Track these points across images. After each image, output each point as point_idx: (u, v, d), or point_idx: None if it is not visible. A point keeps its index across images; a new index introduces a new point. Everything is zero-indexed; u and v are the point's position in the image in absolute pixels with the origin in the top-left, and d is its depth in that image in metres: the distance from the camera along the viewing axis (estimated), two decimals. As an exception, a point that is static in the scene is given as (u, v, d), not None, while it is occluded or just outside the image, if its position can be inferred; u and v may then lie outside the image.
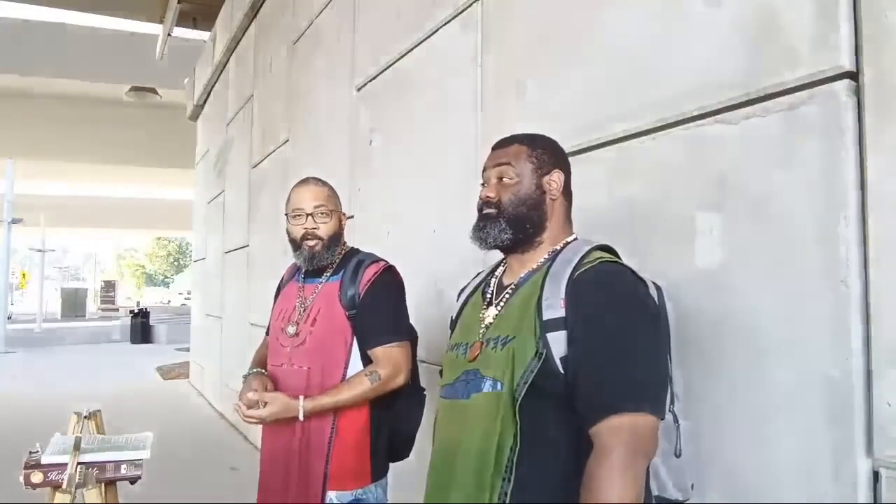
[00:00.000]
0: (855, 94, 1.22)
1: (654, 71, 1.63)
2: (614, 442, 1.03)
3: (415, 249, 2.64)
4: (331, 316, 1.81)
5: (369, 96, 3.34)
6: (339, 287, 1.84)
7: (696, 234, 1.48)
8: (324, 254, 1.85)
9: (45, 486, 1.81)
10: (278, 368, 1.85)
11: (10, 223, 14.79)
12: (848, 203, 1.20)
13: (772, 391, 1.31)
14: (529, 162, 1.28)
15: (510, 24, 2.24)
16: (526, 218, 1.26)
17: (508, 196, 1.27)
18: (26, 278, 25.12)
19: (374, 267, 1.86)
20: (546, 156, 1.29)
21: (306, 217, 1.83)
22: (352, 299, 1.82)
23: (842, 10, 1.23)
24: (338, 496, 1.73)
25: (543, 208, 1.28)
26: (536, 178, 1.27)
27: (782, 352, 1.29)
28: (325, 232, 1.84)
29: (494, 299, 1.29)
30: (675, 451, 1.22)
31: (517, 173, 1.27)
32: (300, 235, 1.84)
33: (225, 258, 6.80)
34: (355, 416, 1.77)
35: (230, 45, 6.85)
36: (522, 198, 1.26)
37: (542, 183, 1.27)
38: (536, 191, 1.27)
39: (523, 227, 1.26)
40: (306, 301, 1.87)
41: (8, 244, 15.06)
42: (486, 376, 1.18)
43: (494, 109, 2.30)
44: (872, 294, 1.17)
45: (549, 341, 1.12)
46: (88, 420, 2.07)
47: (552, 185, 1.28)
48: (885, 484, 1.15)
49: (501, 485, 1.10)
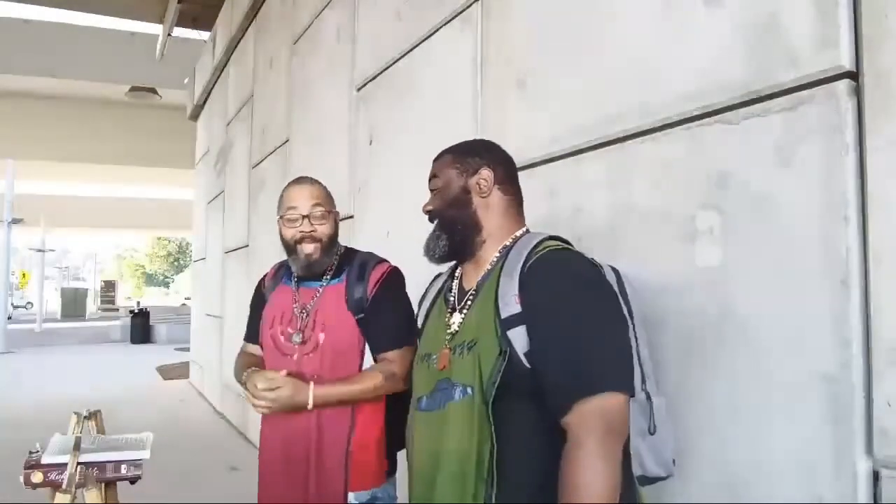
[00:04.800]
0: (855, 94, 1.22)
1: (654, 71, 1.63)
2: (586, 431, 1.04)
3: (415, 249, 2.64)
4: (339, 321, 1.72)
5: (369, 96, 3.34)
6: (344, 290, 1.75)
7: (696, 234, 1.48)
8: (323, 259, 1.75)
9: (45, 486, 1.81)
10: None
11: (10, 223, 14.79)
12: (848, 203, 1.20)
13: (772, 391, 1.31)
14: (452, 168, 1.32)
15: (510, 24, 2.24)
16: (455, 219, 1.30)
17: (437, 202, 1.33)
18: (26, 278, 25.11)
19: (381, 268, 1.79)
20: (471, 158, 1.32)
21: (302, 219, 1.73)
22: (359, 302, 1.73)
23: (842, 11, 1.23)
24: (356, 496, 1.68)
25: (472, 207, 1.30)
26: (463, 181, 1.31)
27: (782, 351, 1.29)
28: (323, 234, 1.74)
29: (458, 304, 1.30)
30: (650, 427, 1.23)
31: (443, 181, 1.32)
32: (296, 238, 1.73)
33: (225, 258, 6.80)
34: (374, 416, 1.71)
35: (230, 45, 6.85)
36: (448, 201, 1.31)
37: (468, 184, 1.30)
38: (462, 192, 1.30)
39: (454, 228, 1.30)
40: (307, 306, 1.76)
41: (8, 244, 15.05)
42: (457, 383, 1.18)
43: (494, 109, 2.30)
44: (872, 294, 1.17)
45: (511, 338, 1.13)
46: (88, 420, 2.07)
47: (482, 184, 1.30)
48: (885, 484, 1.15)
49: (485, 489, 1.10)
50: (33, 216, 19.03)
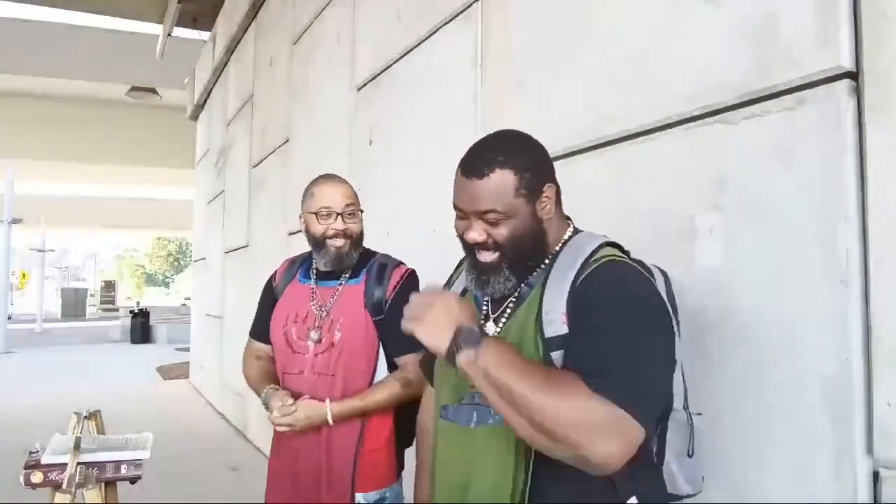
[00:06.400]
0: (855, 94, 1.22)
1: (654, 71, 1.63)
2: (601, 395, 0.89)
3: (415, 249, 2.64)
4: (356, 321, 1.72)
5: (369, 96, 3.34)
6: (363, 291, 1.76)
7: (696, 234, 1.48)
8: (352, 253, 1.77)
9: (45, 486, 1.81)
10: (298, 377, 1.74)
11: (10, 223, 14.78)
12: (848, 203, 1.20)
13: (772, 391, 1.31)
14: (518, 196, 1.06)
15: (510, 24, 2.24)
16: (528, 256, 1.10)
17: (504, 237, 1.07)
18: (26, 278, 25.12)
19: (400, 270, 1.79)
20: (532, 176, 1.08)
21: (336, 216, 1.74)
22: (378, 304, 1.73)
23: (842, 11, 1.23)
24: (365, 497, 1.69)
25: (544, 237, 1.11)
26: (531, 208, 1.08)
27: (782, 352, 1.29)
28: (354, 231, 1.77)
29: (492, 312, 1.15)
30: (688, 450, 1.13)
31: (506, 210, 1.06)
32: (328, 234, 1.74)
33: (225, 258, 6.80)
34: (383, 422, 1.72)
35: (230, 45, 6.85)
36: (519, 236, 1.07)
37: (536, 210, 1.09)
38: (533, 222, 1.08)
39: (525, 265, 1.11)
40: (325, 305, 1.77)
41: (8, 244, 15.05)
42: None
43: (494, 109, 2.30)
44: (872, 294, 1.17)
45: (554, 361, 1.01)
46: (88, 420, 2.07)
47: (544, 206, 1.10)
48: (885, 484, 1.15)
49: None
50: (33, 216, 19.04)
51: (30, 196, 21.17)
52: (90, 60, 12.69)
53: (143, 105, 14.44)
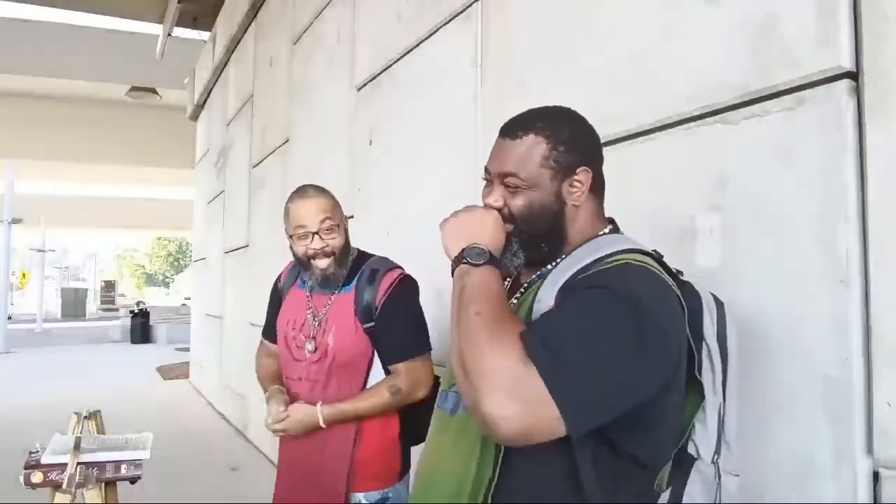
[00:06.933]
0: (855, 94, 1.22)
1: (654, 71, 1.63)
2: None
3: (415, 249, 2.64)
4: (347, 329, 1.73)
5: (369, 96, 3.34)
6: (353, 299, 1.75)
7: (696, 234, 1.48)
8: (338, 270, 1.74)
9: (45, 486, 1.81)
10: (295, 382, 1.78)
11: (10, 223, 14.78)
12: (848, 203, 1.20)
13: (772, 391, 1.31)
14: (546, 167, 1.00)
15: (510, 24, 2.24)
16: (542, 235, 1.03)
17: (520, 208, 1.02)
18: (26, 278, 25.10)
19: (390, 276, 1.76)
20: (569, 152, 1.01)
21: (312, 236, 1.69)
22: (368, 311, 1.72)
23: (842, 11, 1.23)
24: (366, 496, 1.70)
25: (564, 219, 1.03)
26: (556, 186, 1.01)
27: (782, 352, 1.29)
28: (335, 247, 1.72)
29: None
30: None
31: (529, 180, 1.01)
32: (309, 255, 1.71)
33: (225, 258, 6.80)
34: (383, 423, 1.73)
35: (230, 45, 6.85)
36: (536, 211, 1.01)
37: (561, 190, 1.02)
38: (555, 200, 1.02)
39: (538, 245, 1.04)
40: (318, 313, 1.78)
41: (8, 244, 15.05)
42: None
43: (494, 109, 2.29)
44: (872, 294, 1.17)
45: None
46: (88, 420, 2.07)
47: (574, 191, 1.02)
48: (885, 484, 1.15)
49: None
50: (33, 216, 19.04)
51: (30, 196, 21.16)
52: (90, 60, 12.69)
53: (143, 105, 14.44)
